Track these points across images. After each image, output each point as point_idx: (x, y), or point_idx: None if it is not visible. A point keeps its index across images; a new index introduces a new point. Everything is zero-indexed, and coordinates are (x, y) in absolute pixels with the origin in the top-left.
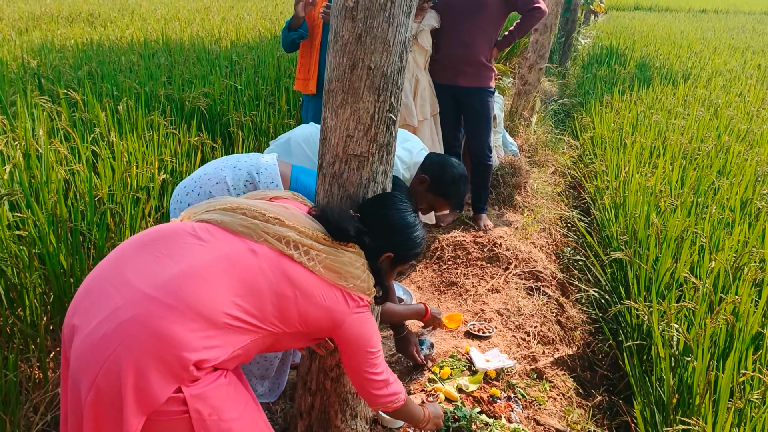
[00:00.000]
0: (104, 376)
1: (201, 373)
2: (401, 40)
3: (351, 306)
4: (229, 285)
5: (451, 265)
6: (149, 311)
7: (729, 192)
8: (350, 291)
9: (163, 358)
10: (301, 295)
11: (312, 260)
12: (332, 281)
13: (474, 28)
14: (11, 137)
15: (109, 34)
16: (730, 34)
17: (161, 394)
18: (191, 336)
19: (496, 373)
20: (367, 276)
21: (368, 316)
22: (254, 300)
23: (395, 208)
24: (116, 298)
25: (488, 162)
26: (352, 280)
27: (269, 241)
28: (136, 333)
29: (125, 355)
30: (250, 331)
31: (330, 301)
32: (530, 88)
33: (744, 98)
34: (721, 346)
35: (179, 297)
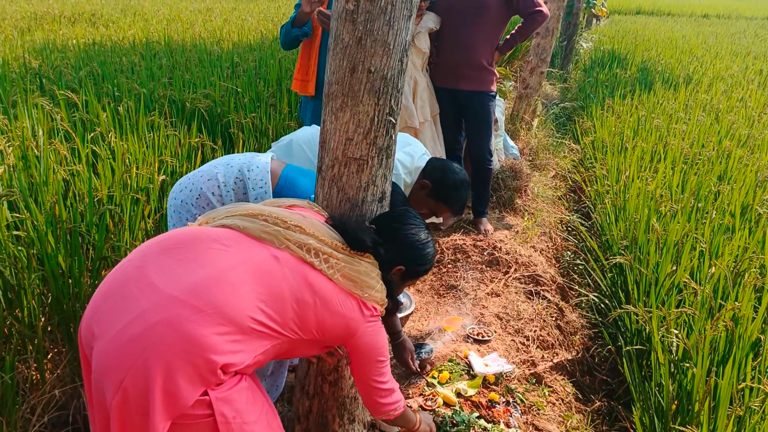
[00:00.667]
0: (132, 379)
1: (226, 377)
2: (401, 44)
3: (365, 315)
4: (253, 289)
5: (451, 269)
6: (178, 314)
7: (729, 197)
8: (365, 300)
9: (192, 361)
10: (321, 302)
11: (332, 268)
12: (349, 290)
13: (475, 32)
14: (11, 137)
15: (111, 35)
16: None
17: (189, 397)
18: (219, 339)
19: (495, 378)
20: (381, 287)
21: (380, 326)
22: (277, 305)
23: (409, 224)
24: (142, 301)
25: (489, 166)
26: (367, 289)
27: (291, 248)
28: (166, 336)
29: (154, 357)
30: (272, 337)
31: (346, 309)
32: (531, 91)
33: (745, 103)
34: (721, 353)
35: (207, 300)
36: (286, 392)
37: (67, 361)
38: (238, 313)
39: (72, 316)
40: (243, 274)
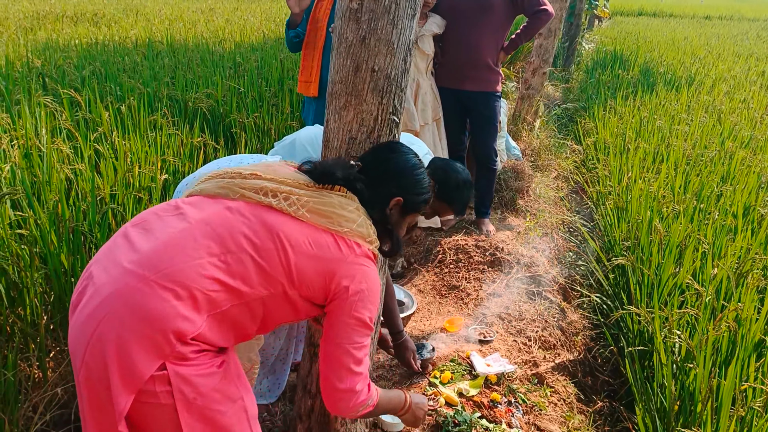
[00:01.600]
0: (90, 354)
1: (187, 348)
2: (405, 43)
3: (345, 252)
4: (203, 246)
5: (453, 269)
6: (125, 284)
7: (732, 198)
8: (345, 236)
9: (142, 331)
10: (285, 245)
11: (293, 205)
12: (322, 226)
13: (480, 32)
14: (14, 136)
15: (114, 35)
16: (734, 40)
17: (145, 369)
18: (166, 305)
19: (497, 378)
20: (364, 221)
21: (370, 270)
22: (233, 258)
23: (401, 152)
24: (102, 277)
25: (493, 166)
26: (346, 224)
27: (245, 195)
28: (116, 308)
29: (107, 331)
30: (230, 294)
31: (319, 248)
32: (534, 92)
33: (748, 105)
34: (724, 354)
35: (153, 266)
36: (288, 391)
37: (69, 360)
38: (187, 273)
39: None
40: (193, 233)
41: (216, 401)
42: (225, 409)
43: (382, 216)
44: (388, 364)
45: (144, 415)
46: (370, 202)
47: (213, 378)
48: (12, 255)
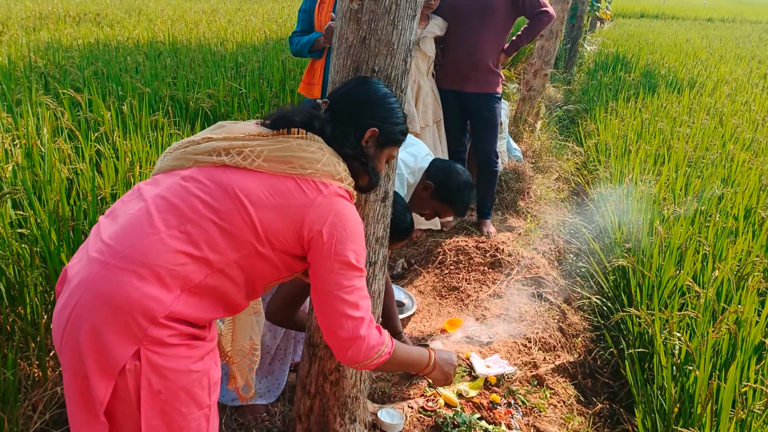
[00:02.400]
0: (66, 345)
1: (163, 332)
2: (405, 44)
3: (311, 195)
4: (160, 221)
5: (453, 270)
6: (89, 272)
7: (733, 200)
8: (309, 177)
9: (111, 316)
10: (244, 200)
11: (247, 157)
12: (282, 172)
13: (481, 33)
14: (15, 135)
15: (116, 35)
16: (736, 42)
17: (119, 354)
18: (128, 287)
19: (497, 379)
20: (330, 159)
21: (344, 207)
22: (194, 228)
23: (369, 82)
24: (75, 268)
25: (495, 168)
26: (308, 165)
27: (199, 161)
28: (83, 297)
29: (77, 320)
30: (200, 264)
31: (281, 197)
32: (535, 93)
33: (749, 107)
34: (724, 356)
35: (112, 251)
36: (287, 391)
37: None
38: (146, 251)
39: None
40: (148, 210)
41: (180, 401)
42: (187, 411)
43: (357, 150)
44: None
45: (118, 405)
46: (337, 138)
47: (185, 377)
48: (13, 254)
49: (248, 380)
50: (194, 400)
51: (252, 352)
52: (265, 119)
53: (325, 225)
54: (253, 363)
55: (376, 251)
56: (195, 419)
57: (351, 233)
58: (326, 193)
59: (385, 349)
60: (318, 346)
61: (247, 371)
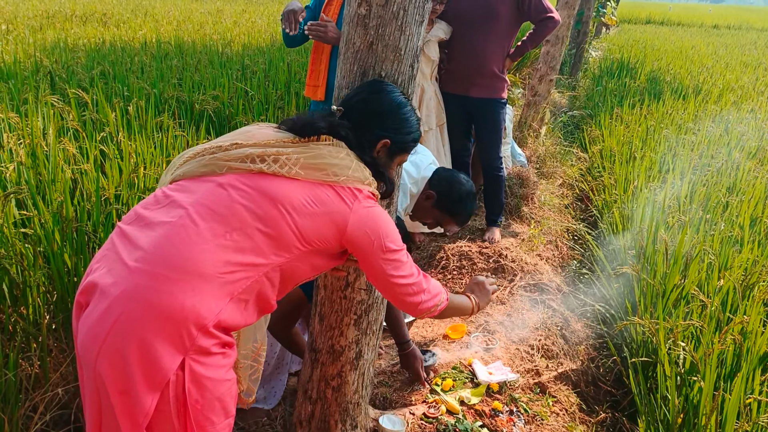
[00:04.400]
0: (105, 358)
1: (209, 341)
2: (413, 49)
3: (349, 200)
4: (207, 230)
5: (456, 275)
6: (135, 284)
7: (738, 209)
8: (343, 184)
9: (162, 327)
10: (288, 208)
11: (284, 165)
12: (319, 180)
13: (486, 38)
14: (20, 135)
15: (122, 35)
16: (742, 50)
17: (168, 365)
18: (183, 297)
19: (499, 387)
20: (358, 165)
21: (376, 210)
22: (239, 235)
23: (385, 90)
24: (107, 278)
25: (500, 173)
26: (341, 172)
27: (233, 167)
28: (130, 308)
29: (123, 332)
30: (248, 271)
31: (322, 205)
32: (540, 99)
33: (755, 115)
34: (729, 367)
35: (160, 261)
36: (287, 396)
37: (71, 360)
38: (196, 261)
39: None
40: (192, 218)
41: (214, 411)
42: (217, 421)
43: (372, 159)
44: (389, 371)
45: (155, 417)
46: (358, 145)
47: (222, 386)
48: (16, 254)
49: (250, 385)
50: (225, 409)
51: (259, 353)
52: (282, 124)
53: (367, 228)
54: (258, 365)
55: None
56: (222, 428)
57: (386, 228)
58: (361, 199)
59: (443, 295)
60: (320, 352)
61: (250, 375)
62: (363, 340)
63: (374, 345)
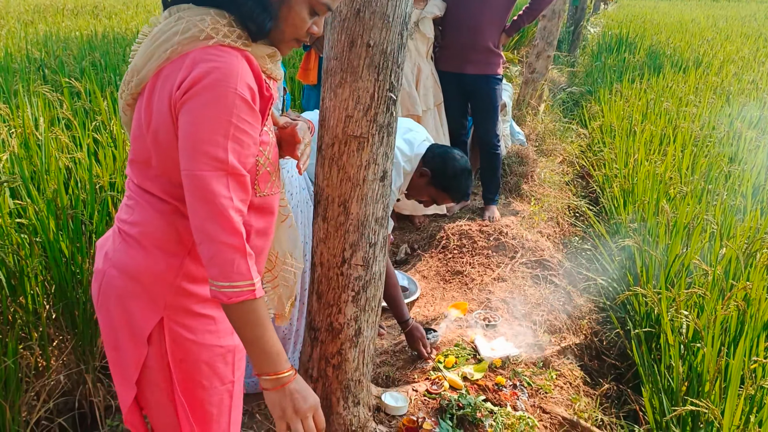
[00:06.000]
0: (98, 314)
1: (184, 299)
2: (401, 16)
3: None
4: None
5: (457, 254)
6: (114, 246)
7: (741, 178)
8: (168, 62)
9: (132, 287)
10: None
11: (124, 89)
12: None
13: (481, 14)
14: (13, 125)
15: (114, 26)
16: (743, 21)
17: (143, 321)
18: (142, 253)
19: (502, 362)
20: (192, 22)
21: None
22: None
23: None
24: (105, 235)
25: (497, 151)
26: (167, 45)
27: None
28: (109, 270)
29: (106, 292)
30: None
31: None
32: (538, 76)
33: (757, 85)
34: (732, 333)
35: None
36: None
37: (72, 347)
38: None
39: (75, 302)
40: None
41: (201, 373)
42: (208, 385)
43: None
44: (391, 350)
45: (145, 373)
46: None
47: (210, 351)
48: (12, 244)
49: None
50: (217, 374)
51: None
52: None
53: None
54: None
55: (376, 232)
56: (217, 393)
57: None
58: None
59: (255, 285)
60: (319, 330)
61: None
62: (362, 317)
63: (373, 322)
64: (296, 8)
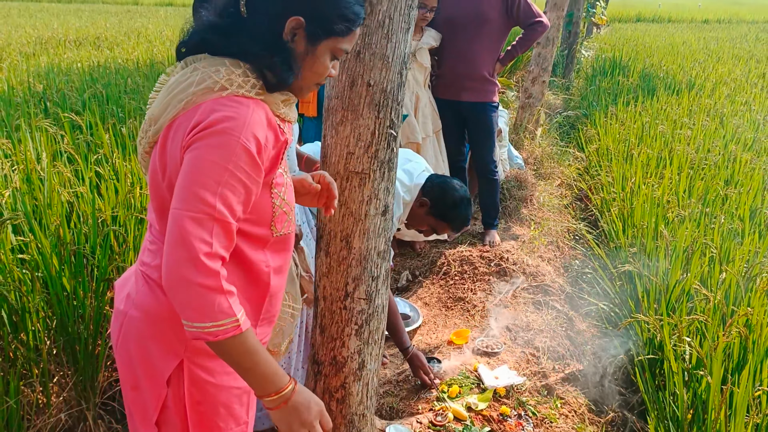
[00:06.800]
0: (117, 355)
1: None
2: (400, 56)
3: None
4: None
5: (458, 281)
6: (137, 287)
7: (737, 201)
8: (180, 113)
9: (154, 328)
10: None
11: (143, 137)
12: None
13: (476, 43)
14: (15, 161)
15: (116, 57)
16: (733, 43)
17: (163, 364)
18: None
19: (506, 391)
20: (206, 73)
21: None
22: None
23: None
24: (124, 275)
25: (494, 176)
26: (181, 96)
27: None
28: (131, 311)
29: (127, 333)
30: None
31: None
32: (534, 101)
33: (750, 107)
34: (735, 359)
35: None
36: None
37: (73, 384)
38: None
39: (77, 338)
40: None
41: (218, 416)
42: (224, 426)
43: (276, 46)
44: (395, 380)
45: (164, 415)
46: (241, 41)
47: (228, 393)
48: (14, 280)
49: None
50: (233, 416)
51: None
52: None
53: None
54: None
55: (378, 265)
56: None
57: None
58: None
59: (240, 322)
60: (322, 364)
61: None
62: (365, 350)
63: (377, 355)
64: (321, 58)
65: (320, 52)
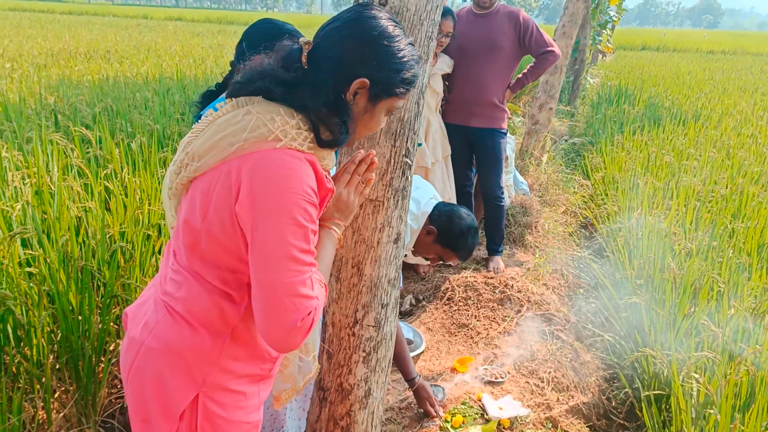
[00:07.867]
0: (129, 386)
1: (222, 376)
2: (419, 87)
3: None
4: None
5: (462, 307)
6: (156, 319)
7: (745, 236)
8: (234, 155)
9: (173, 361)
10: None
11: (187, 166)
12: (213, 163)
13: (488, 70)
14: (26, 174)
15: (125, 71)
16: (738, 75)
17: (180, 398)
18: (189, 331)
19: (510, 422)
20: (260, 120)
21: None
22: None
23: (365, 16)
24: (138, 304)
25: (500, 203)
26: (233, 140)
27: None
28: (148, 342)
29: (142, 365)
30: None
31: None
32: (541, 127)
33: (756, 140)
34: (743, 398)
35: (165, 290)
36: None
37: (74, 401)
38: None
39: (81, 354)
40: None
41: None
42: None
43: (337, 105)
44: (398, 407)
45: None
46: (301, 94)
47: (239, 428)
48: (21, 294)
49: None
50: None
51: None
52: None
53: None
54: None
55: (389, 293)
56: None
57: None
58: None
59: (316, 306)
60: (328, 390)
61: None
62: (372, 377)
63: (383, 383)
64: (377, 116)
65: (378, 111)
